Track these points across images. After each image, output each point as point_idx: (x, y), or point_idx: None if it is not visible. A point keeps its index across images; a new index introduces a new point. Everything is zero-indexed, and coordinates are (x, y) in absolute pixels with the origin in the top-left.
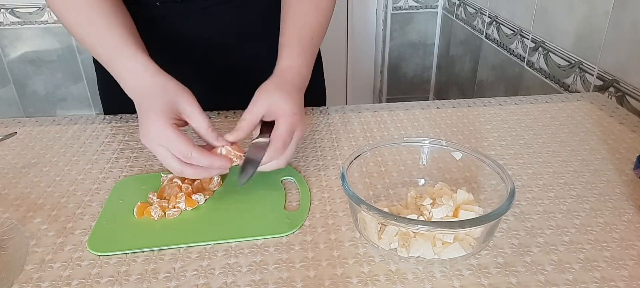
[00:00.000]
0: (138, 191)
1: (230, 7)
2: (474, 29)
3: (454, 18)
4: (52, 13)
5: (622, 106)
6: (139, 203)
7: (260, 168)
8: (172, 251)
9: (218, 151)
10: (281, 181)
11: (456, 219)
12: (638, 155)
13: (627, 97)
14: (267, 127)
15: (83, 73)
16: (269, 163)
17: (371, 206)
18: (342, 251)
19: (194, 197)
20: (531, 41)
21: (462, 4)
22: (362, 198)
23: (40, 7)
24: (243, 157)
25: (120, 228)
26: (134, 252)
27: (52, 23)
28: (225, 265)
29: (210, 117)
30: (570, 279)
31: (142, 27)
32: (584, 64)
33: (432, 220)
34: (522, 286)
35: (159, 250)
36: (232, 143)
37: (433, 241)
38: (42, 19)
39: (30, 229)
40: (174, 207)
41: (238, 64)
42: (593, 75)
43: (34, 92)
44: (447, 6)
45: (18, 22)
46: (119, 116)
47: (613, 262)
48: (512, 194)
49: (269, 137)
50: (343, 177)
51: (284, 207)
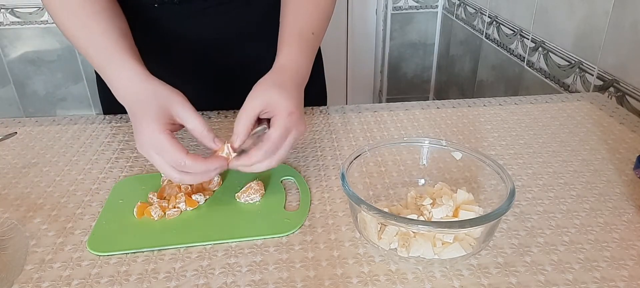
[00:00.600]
0: (138, 191)
1: (228, 8)
2: (474, 29)
3: (454, 18)
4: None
5: (622, 106)
6: (139, 203)
7: (251, 168)
8: (172, 251)
9: (219, 153)
10: (281, 181)
11: (456, 219)
12: (638, 155)
13: (627, 97)
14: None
15: (83, 73)
16: (260, 163)
17: (371, 206)
18: (342, 251)
19: (194, 197)
20: (531, 41)
21: (462, 4)
22: (362, 198)
23: (40, 7)
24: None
25: (120, 228)
26: (134, 252)
27: (52, 23)
28: (225, 265)
29: (209, 117)
30: (570, 279)
31: (141, 29)
32: (584, 64)
33: (432, 220)
34: (522, 286)
35: (159, 250)
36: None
37: (433, 241)
38: (42, 19)
39: (30, 229)
40: (174, 207)
41: (237, 64)
42: (593, 75)
43: (34, 92)
44: (447, 6)
45: (18, 22)
46: (119, 116)
47: (613, 262)
48: (512, 194)
49: (267, 127)
50: (343, 177)
51: (284, 207)
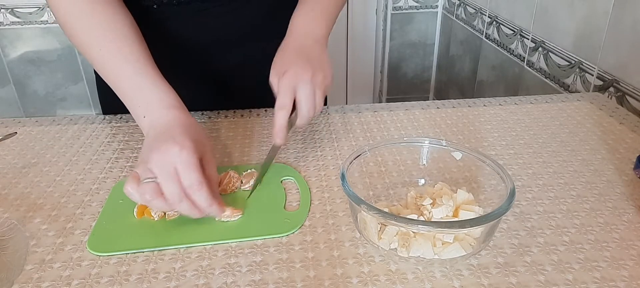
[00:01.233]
0: None
1: (227, 9)
2: (474, 29)
3: (454, 18)
4: (54, 18)
5: (622, 106)
6: (139, 203)
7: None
8: (172, 251)
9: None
10: (281, 181)
11: (456, 219)
12: (638, 155)
13: (627, 97)
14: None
15: (83, 73)
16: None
17: (371, 206)
18: (342, 251)
19: None
20: (531, 41)
21: (462, 4)
22: (362, 198)
23: (40, 7)
24: (236, 215)
25: (120, 228)
26: (134, 252)
27: (52, 23)
28: (225, 265)
29: (209, 117)
30: (570, 279)
31: (140, 30)
32: (584, 64)
33: (432, 220)
34: (522, 286)
35: (159, 250)
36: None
37: (433, 241)
38: (42, 19)
39: (30, 229)
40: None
41: (237, 65)
42: (593, 75)
43: (34, 92)
44: (447, 6)
45: (18, 22)
46: (119, 116)
47: (613, 262)
48: (512, 194)
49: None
50: (343, 177)
51: (284, 207)
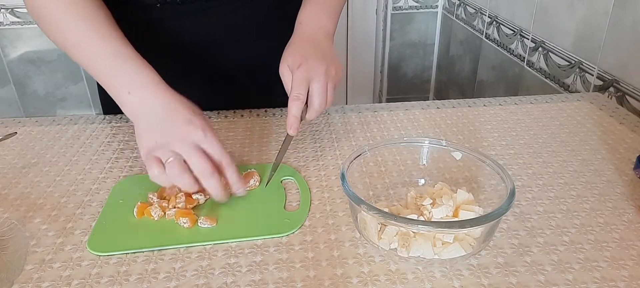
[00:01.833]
0: (138, 191)
1: (230, 8)
2: (474, 29)
3: (454, 18)
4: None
5: (622, 106)
6: (139, 203)
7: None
8: (172, 251)
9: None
10: (281, 181)
11: (456, 219)
12: (638, 155)
13: (627, 97)
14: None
15: (83, 73)
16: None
17: (371, 206)
18: (342, 251)
19: (194, 197)
20: (531, 41)
21: (462, 4)
22: (362, 198)
23: None
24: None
25: (120, 228)
26: (134, 252)
27: None
28: (225, 265)
29: (209, 117)
30: (570, 279)
31: (142, 29)
32: (584, 64)
33: (432, 220)
34: (522, 286)
35: (159, 250)
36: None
37: (433, 241)
38: None
39: (30, 229)
40: (174, 207)
41: (239, 64)
42: (593, 75)
43: (34, 92)
44: (447, 6)
45: (18, 22)
46: (119, 116)
47: (613, 262)
48: (512, 194)
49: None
50: (343, 177)
51: (284, 207)
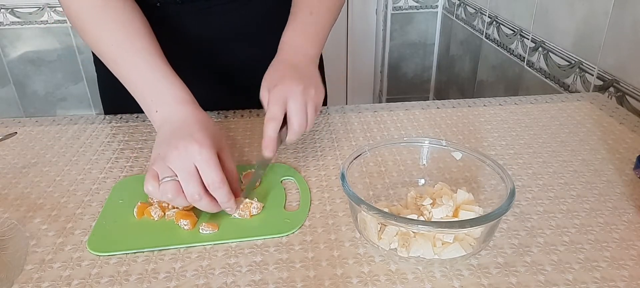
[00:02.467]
0: (138, 191)
1: (230, 8)
2: (474, 29)
3: (454, 18)
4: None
5: (622, 106)
6: (139, 203)
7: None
8: (172, 251)
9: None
10: (281, 181)
11: (456, 219)
12: (638, 155)
13: (627, 97)
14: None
15: (83, 73)
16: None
17: (371, 206)
18: (342, 251)
19: None
20: (531, 41)
21: (462, 4)
22: (362, 198)
23: (40, 7)
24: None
25: (120, 228)
26: (134, 252)
27: (52, 23)
28: (225, 265)
29: (210, 117)
30: (570, 279)
31: None
32: (584, 64)
33: (432, 220)
34: (522, 286)
35: (159, 250)
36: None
37: (433, 241)
38: (42, 19)
39: (30, 229)
40: (174, 207)
41: (239, 64)
42: (593, 75)
43: (34, 92)
44: (447, 6)
45: (18, 22)
46: (119, 116)
47: (613, 262)
48: (512, 194)
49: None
50: (343, 177)
51: (284, 207)
